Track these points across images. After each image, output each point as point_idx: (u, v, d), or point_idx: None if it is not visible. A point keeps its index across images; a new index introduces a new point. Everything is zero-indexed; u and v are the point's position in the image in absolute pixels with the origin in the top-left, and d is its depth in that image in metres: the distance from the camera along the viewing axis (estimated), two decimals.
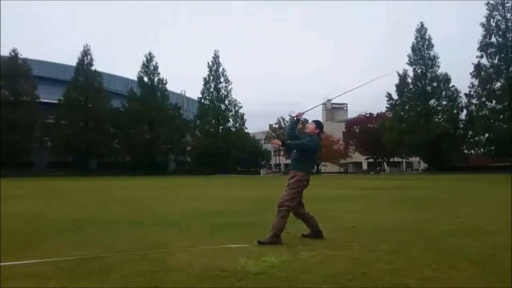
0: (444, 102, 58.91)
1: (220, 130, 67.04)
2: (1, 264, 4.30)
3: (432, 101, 59.33)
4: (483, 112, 53.17)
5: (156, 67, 64.52)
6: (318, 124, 6.04)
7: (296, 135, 5.97)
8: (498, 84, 52.35)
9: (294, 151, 5.81)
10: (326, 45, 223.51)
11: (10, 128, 52.23)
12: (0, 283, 3.57)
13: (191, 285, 3.54)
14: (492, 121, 52.06)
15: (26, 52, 64.05)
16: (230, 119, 68.64)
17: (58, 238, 6.05)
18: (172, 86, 77.58)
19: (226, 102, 68.28)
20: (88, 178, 42.18)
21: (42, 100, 57.47)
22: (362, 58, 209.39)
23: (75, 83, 59.78)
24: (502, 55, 52.14)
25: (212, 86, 67.92)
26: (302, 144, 5.71)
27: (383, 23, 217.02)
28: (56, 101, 58.89)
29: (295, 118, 6.11)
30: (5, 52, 57.09)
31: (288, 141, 5.89)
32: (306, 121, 6.43)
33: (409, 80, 60.50)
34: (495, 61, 52.63)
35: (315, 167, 72.07)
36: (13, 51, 56.54)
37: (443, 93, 58.68)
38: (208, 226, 7.10)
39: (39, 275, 3.87)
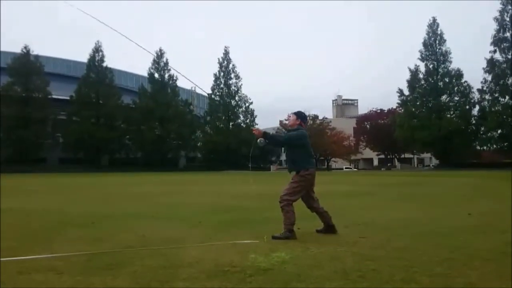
0: (456, 98, 58.25)
1: (231, 126, 67.07)
2: (17, 258, 4.37)
3: (444, 97, 58.75)
4: (496, 108, 52.47)
5: (166, 63, 64.69)
6: (298, 114, 5.84)
7: (286, 143, 5.84)
8: None
9: (285, 151, 5.70)
10: (333, 40, 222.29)
11: (23, 125, 52.80)
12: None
13: (201, 281, 3.55)
14: (505, 117, 51.35)
15: (38, 49, 64.63)
16: (241, 115, 68.67)
17: (72, 233, 6.11)
18: (182, 83, 77.74)
19: (237, 98, 68.30)
20: (100, 174, 42.53)
21: (54, 96, 57.98)
22: (371, 51, 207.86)
23: (86, 79, 60.21)
24: None
25: (223, 82, 67.96)
26: (284, 139, 5.59)
27: (394, 18, 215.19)
28: (68, 98, 59.39)
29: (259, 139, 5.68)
30: (17, 49, 57.76)
31: (271, 133, 5.72)
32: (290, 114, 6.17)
33: (421, 75, 59.93)
34: (509, 56, 51.86)
35: (316, 162, 71.91)
36: (25, 47, 57.10)
37: (455, 88, 58.01)
38: (218, 222, 7.13)
39: (53, 270, 3.91)
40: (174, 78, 64.71)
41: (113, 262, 4.22)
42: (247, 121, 68.54)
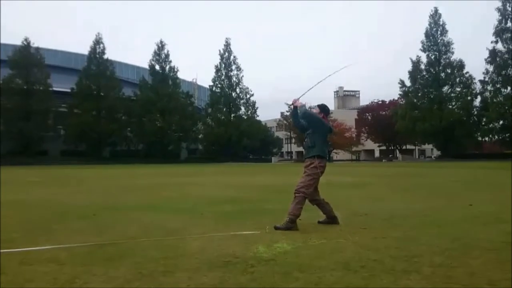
0: (458, 89, 58.13)
1: (232, 118, 67.03)
2: (19, 250, 4.39)
3: (445, 88, 58.63)
4: (498, 99, 52.37)
5: (167, 55, 64.57)
6: (322, 108, 5.88)
7: (302, 124, 5.78)
8: None
9: (306, 139, 5.71)
10: (335, 29, 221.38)
11: (24, 117, 52.86)
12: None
13: (203, 271, 3.57)
14: (507, 107, 51.28)
15: (39, 41, 64.48)
16: (242, 107, 68.61)
17: (74, 224, 6.13)
18: (183, 74, 77.67)
19: (238, 90, 68.22)
20: (101, 166, 42.59)
21: (55, 88, 58.00)
22: (371, 43, 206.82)
23: (87, 71, 60.14)
24: None
25: (224, 73, 67.83)
26: (308, 114, 5.59)
27: (396, 9, 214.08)
28: (68, 90, 59.36)
29: (293, 106, 5.82)
30: (18, 41, 57.64)
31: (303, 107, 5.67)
32: (314, 107, 6.17)
33: (422, 66, 59.76)
34: (511, 47, 51.63)
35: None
36: (26, 40, 56.97)
37: (457, 79, 57.89)
38: (220, 213, 7.14)
39: (55, 261, 3.93)
40: (175, 70, 64.65)
41: (115, 253, 4.24)
42: (248, 113, 68.54)
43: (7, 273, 3.56)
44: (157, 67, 64.18)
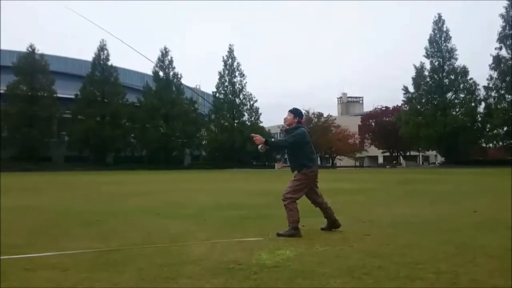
0: (462, 95, 57.88)
1: (235, 124, 67.06)
2: (22, 256, 4.40)
3: (449, 94, 58.42)
4: (502, 105, 52.16)
5: (171, 62, 64.76)
6: (294, 112, 5.78)
7: (286, 147, 5.73)
8: None
9: (287, 151, 5.64)
10: (335, 36, 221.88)
11: (28, 123, 53.08)
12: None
13: (206, 278, 3.56)
14: (511, 114, 51.08)
15: (43, 48, 64.85)
16: (245, 113, 68.63)
17: (78, 230, 6.14)
18: (187, 81, 77.90)
19: (241, 96, 68.31)
20: (105, 172, 42.65)
21: (59, 95, 58.18)
22: (371, 48, 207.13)
23: (91, 78, 60.31)
24: None
25: (227, 80, 67.97)
26: (288, 142, 5.53)
27: (397, 16, 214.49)
28: (73, 96, 59.55)
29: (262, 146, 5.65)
30: (23, 48, 57.98)
31: (273, 139, 5.67)
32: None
33: (426, 73, 59.62)
34: None
35: (319, 159, 71.80)
36: (30, 46, 57.27)
37: (461, 85, 57.65)
38: (223, 219, 7.13)
39: (59, 267, 3.94)
40: (179, 76, 64.82)
41: (119, 259, 4.24)
42: (252, 119, 68.56)
43: (10, 279, 3.57)
44: (161, 73, 64.33)
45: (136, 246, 4.91)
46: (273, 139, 5.62)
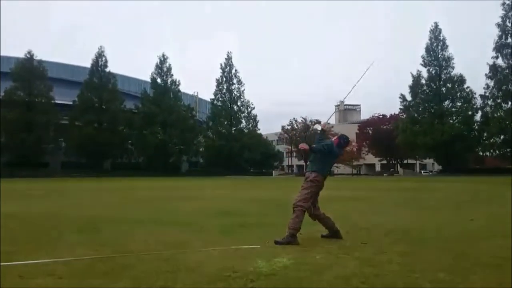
0: (459, 104, 58.17)
1: (233, 131, 67.12)
2: (18, 263, 4.37)
3: (446, 103, 58.71)
4: (499, 114, 52.43)
5: (169, 69, 64.83)
6: (341, 138, 6.11)
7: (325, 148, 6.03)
8: None
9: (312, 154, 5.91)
10: (333, 43, 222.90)
11: (25, 129, 52.96)
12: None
13: (203, 286, 3.55)
14: (507, 122, 51.26)
15: (41, 54, 64.89)
16: (243, 121, 68.73)
17: (73, 237, 6.10)
18: (184, 88, 78.02)
19: (239, 103, 68.43)
20: (102, 178, 42.54)
21: (57, 101, 58.06)
22: (370, 56, 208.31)
23: (89, 84, 60.28)
24: None
25: (225, 87, 68.12)
26: (324, 148, 5.83)
27: (394, 22, 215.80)
28: (70, 103, 59.49)
29: (304, 150, 6.04)
30: (21, 54, 57.96)
31: (314, 145, 5.94)
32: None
33: (423, 81, 59.92)
34: (511, 62, 51.85)
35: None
36: (29, 53, 57.26)
37: (458, 94, 57.98)
38: (220, 227, 7.11)
39: (54, 274, 3.91)
40: (177, 83, 64.89)
41: (115, 267, 4.22)
42: (249, 126, 68.66)
43: (5, 286, 3.54)
44: (159, 80, 64.42)
45: (133, 254, 4.88)
46: (315, 146, 5.97)
